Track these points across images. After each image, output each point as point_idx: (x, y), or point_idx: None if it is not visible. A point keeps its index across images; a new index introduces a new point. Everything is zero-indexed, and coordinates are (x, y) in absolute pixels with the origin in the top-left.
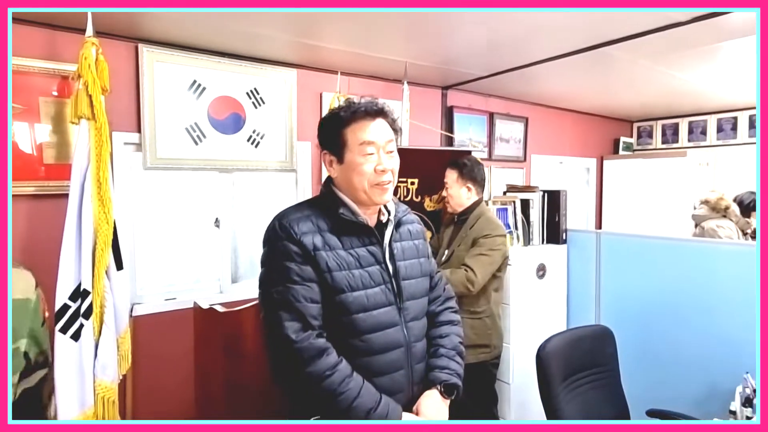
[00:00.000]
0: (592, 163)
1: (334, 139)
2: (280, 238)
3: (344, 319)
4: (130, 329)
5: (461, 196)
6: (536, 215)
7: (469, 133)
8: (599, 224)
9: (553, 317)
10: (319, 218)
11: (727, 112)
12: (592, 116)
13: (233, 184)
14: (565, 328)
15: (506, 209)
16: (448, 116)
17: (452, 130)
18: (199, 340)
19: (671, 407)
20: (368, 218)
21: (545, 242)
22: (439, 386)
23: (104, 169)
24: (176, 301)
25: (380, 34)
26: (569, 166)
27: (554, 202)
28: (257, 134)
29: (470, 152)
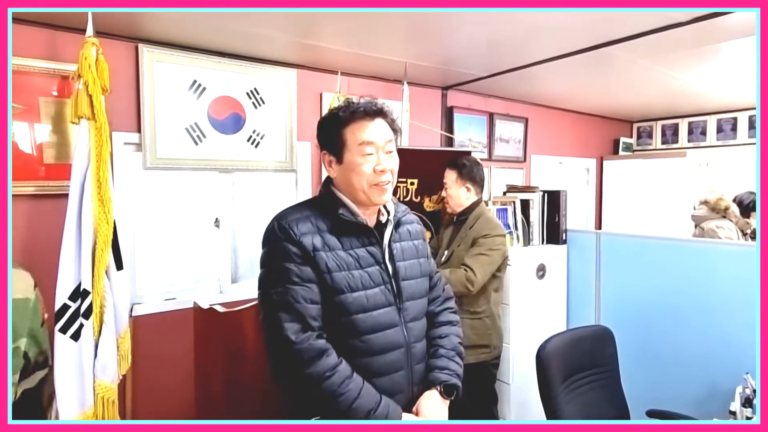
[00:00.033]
0: (591, 163)
1: (333, 139)
2: (279, 239)
3: (344, 319)
4: (130, 329)
5: (460, 196)
6: (536, 215)
7: (469, 133)
8: (599, 225)
9: (553, 317)
10: (318, 219)
11: (726, 112)
12: (591, 116)
13: (233, 184)
14: (565, 328)
15: (506, 209)
16: (448, 116)
17: (452, 130)
18: (199, 340)
19: (671, 407)
20: (368, 218)
21: (545, 242)
22: (438, 387)
23: (104, 169)
24: (176, 301)
25: (380, 34)
26: (569, 166)
27: (554, 202)
28: (257, 134)
29: (470, 153)
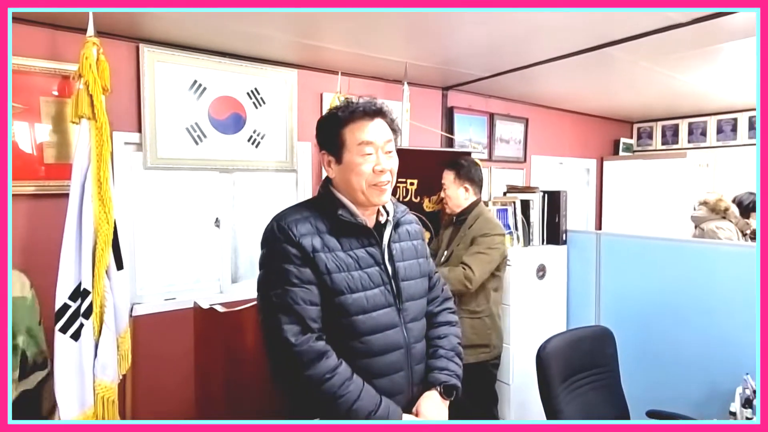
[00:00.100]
0: (592, 163)
1: (332, 139)
2: (278, 240)
3: (344, 320)
4: (130, 329)
5: (459, 196)
6: (536, 216)
7: (469, 133)
8: (599, 225)
9: (553, 318)
10: (317, 219)
11: (726, 113)
12: (592, 117)
13: (233, 184)
14: (565, 328)
15: (506, 210)
16: (448, 117)
17: (452, 130)
18: (199, 340)
19: (671, 408)
20: (367, 219)
21: (545, 243)
22: (438, 387)
23: (105, 168)
24: (176, 301)
25: (380, 34)
26: (569, 166)
27: (554, 202)
28: (258, 134)
29: (470, 153)
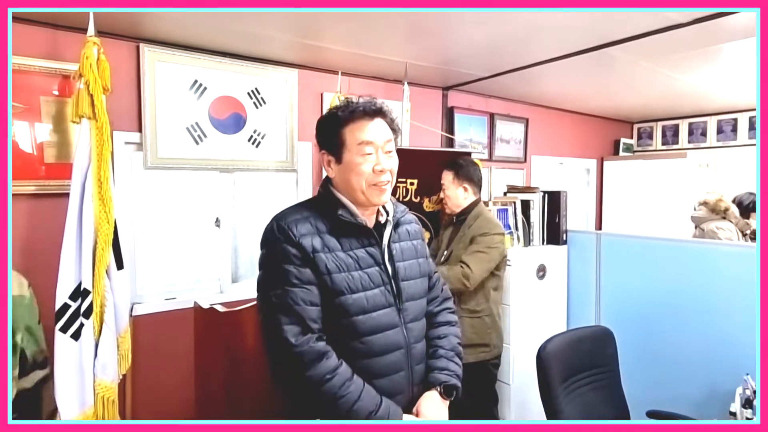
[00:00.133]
0: (592, 164)
1: (332, 139)
2: (278, 240)
3: (344, 321)
4: (130, 329)
5: (458, 196)
6: (536, 216)
7: (469, 133)
8: (599, 225)
9: (553, 318)
10: (317, 220)
11: (727, 113)
12: (592, 117)
13: (234, 183)
14: (565, 328)
15: (506, 210)
16: (448, 117)
17: (453, 130)
18: (199, 339)
19: (671, 408)
20: (367, 219)
21: (545, 243)
22: (438, 387)
23: (105, 168)
24: (176, 300)
25: (380, 34)
26: (569, 167)
27: (554, 202)
28: (258, 134)
29: (470, 154)
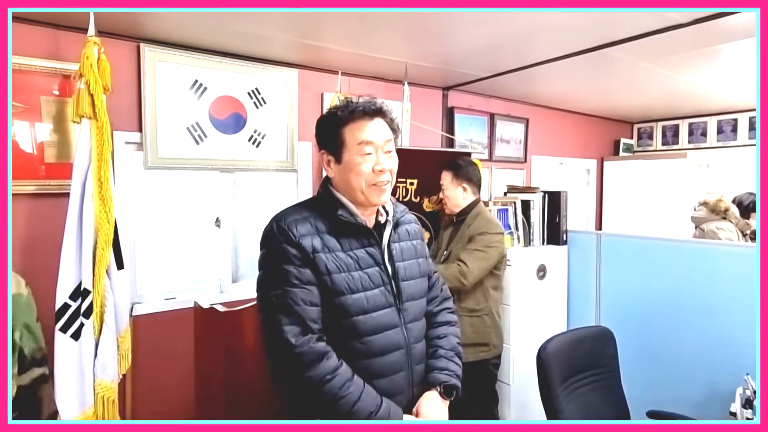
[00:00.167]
0: (592, 164)
1: (332, 138)
2: (278, 240)
3: (344, 321)
4: (130, 328)
5: (457, 196)
6: (537, 216)
7: (469, 134)
8: (599, 225)
9: (553, 318)
10: (317, 220)
11: (727, 113)
12: (592, 117)
13: (234, 183)
14: (565, 329)
15: (507, 210)
16: (448, 117)
17: (453, 131)
18: (199, 339)
19: (671, 408)
20: (367, 219)
21: (546, 243)
22: (438, 387)
23: (105, 168)
24: (176, 300)
25: (381, 34)
26: (570, 167)
27: (555, 203)
28: (258, 134)
29: (470, 154)
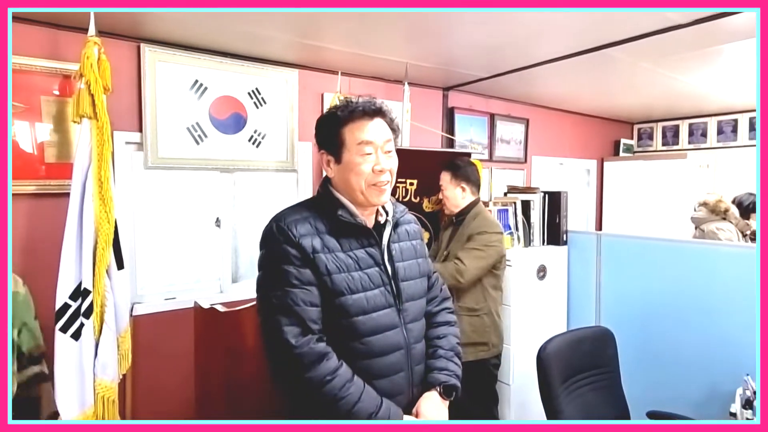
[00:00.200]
0: (592, 164)
1: (331, 138)
2: (278, 240)
3: (344, 322)
4: (130, 328)
5: (456, 197)
6: (537, 216)
7: (470, 134)
8: (599, 226)
9: (553, 318)
10: (317, 220)
11: (727, 114)
12: (592, 118)
13: (234, 183)
14: (565, 329)
15: (507, 210)
16: (449, 117)
17: (453, 131)
18: (199, 339)
19: (672, 409)
20: (366, 219)
21: (546, 243)
22: (438, 388)
23: (106, 168)
24: (176, 300)
25: (381, 34)
26: (570, 167)
27: (555, 203)
28: (258, 134)
29: (470, 154)
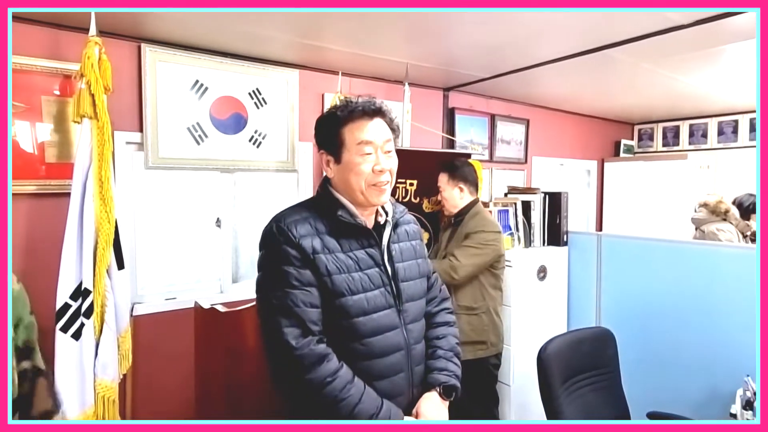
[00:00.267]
0: (593, 165)
1: (331, 138)
2: (278, 241)
3: (344, 322)
4: (130, 328)
5: (455, 197)
6: (537, 217)
7: (470, 134)
8: (600, 226)
9: (553, 319)
10: (317, 220)
11: (728, 115)
12: (593, 118)
13: (234, 184)
14: (565, 330)
15: (507, 211)
16: (449, 118)
17: (454, 131)
18: (199, 340)
19: (672, 410)
20: (366, 220)
21: (546, 244)
22: (438, 388)
23: (106, 168)
24: (177, 300)
25: (381, 35)
26: (570, 168)
27: (555, 204)
28: (259, 134)
29: (470, 155)
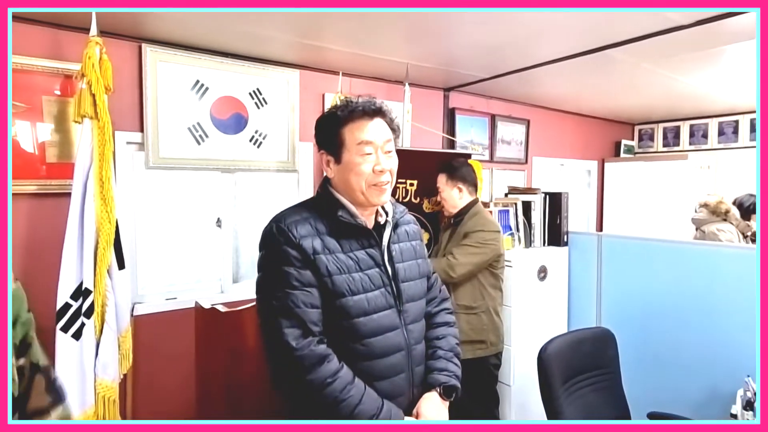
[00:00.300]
0: (593, 165)
1: (331, 138)
2: (278, 242)
3: (345, 323)
4: (131, 328)
5: (454, 198)
6: (537, 217)
7: (470, 135)
8: (600, 227)
9: (554, 319)
10: (317, 221)
11: (728, 115)
12: (593, 119)
13: (235, 184)
14: (566, 330)
15: (507, 211)
16: (450, 118)
17: (454, 132)
18: (200, 339)
19: (672, 410)
20: (366, 220)
21: (546, 244)
22: (438, 388)
23: (107, 168)
24: (177, 300)
25: (381, 35)
26: (570, 168)
27: (555, 204)
28: (259, 134)
29: (470, 155)
